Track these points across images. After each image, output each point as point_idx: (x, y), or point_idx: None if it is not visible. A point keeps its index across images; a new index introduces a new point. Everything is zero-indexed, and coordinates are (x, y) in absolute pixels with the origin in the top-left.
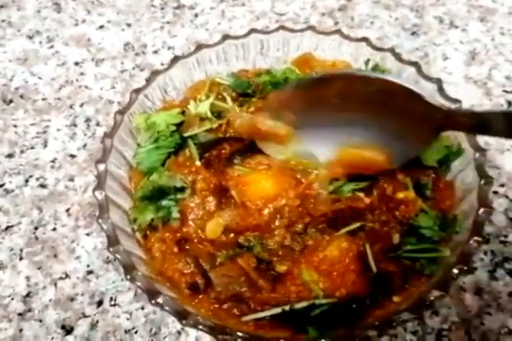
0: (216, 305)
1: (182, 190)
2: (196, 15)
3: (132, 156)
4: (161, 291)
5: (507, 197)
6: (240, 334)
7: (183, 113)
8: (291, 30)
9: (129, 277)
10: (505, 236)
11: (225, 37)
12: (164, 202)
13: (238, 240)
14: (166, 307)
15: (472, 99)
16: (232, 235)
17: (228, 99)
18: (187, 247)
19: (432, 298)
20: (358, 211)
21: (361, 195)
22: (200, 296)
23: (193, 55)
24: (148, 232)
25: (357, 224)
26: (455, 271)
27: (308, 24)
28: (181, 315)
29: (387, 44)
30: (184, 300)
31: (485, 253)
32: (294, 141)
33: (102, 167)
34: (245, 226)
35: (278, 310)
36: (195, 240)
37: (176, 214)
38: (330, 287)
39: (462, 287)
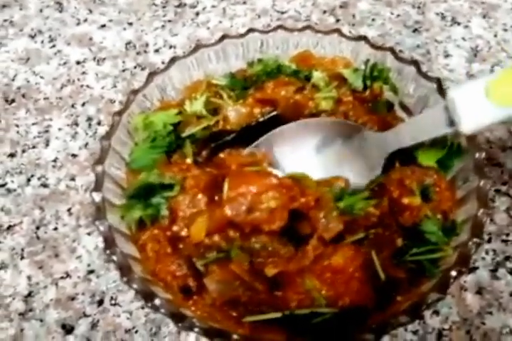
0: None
1: (171, 187)
2: (197, 14)
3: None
4: (157, 293)
5: (509, 195)
6: (235, 337)
7: (180, 113)
8: (290, 30)
9: (125, 279)
10: (507, 234)
11: (223, 37)
12: (154, 200)
13: (220, 244)
14: (162, 310)
15: None
16: (216, 238)
17: (225, 96)
18: (180, 246)
19: (429, 301)
20: (369, 225)
21: (372, 209)
22: (195, 298)
23: (191, 55)
24: (139, 230)
25: (362, 234)
26: (453, 273)
27: (310, 22)
28: (177, 318)
29: (388, 41)
30: (179, 301)
31: (486, 252)
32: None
33: (99, 168)
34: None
35: (278, 314)
36: (187, 240)
37: (164, 212)
38: (333, 295)
39: (463, 286)
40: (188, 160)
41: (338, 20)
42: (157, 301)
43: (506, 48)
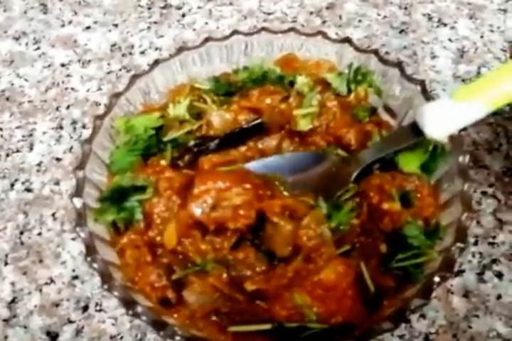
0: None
1: (143, 189)
2: (183, 15)
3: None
4: (138, 301)
5: (495, 197)
6: None
7: (163, 117)
8: (274, 32)
9: (106, 287)
10: (494, 237)
11: (207, 39)
12: (127, 204)
13: (192, 258)
14: (143, 318)
15: None
16: (188, 246)
17: (208, 100)
18: (159, 253)
19: (413, 307)
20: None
21: (354, 220)
22: (175, 307)
23: (174, 58)
24: (116, 235)
25: (348, 246)
26: (437, 278)
27: (296, 23)
28: (158, 326)
29: (375, 43)
30: (160, 309)
31: (473, 255)
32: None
33: (80, 174)
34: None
35: (267, 326)
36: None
37: (138, 216)
38: (325, 312)
39: (450, 289)
40: (163, 162)
41: (324, 22)
42: (139, 309)
43: (493, 49)
